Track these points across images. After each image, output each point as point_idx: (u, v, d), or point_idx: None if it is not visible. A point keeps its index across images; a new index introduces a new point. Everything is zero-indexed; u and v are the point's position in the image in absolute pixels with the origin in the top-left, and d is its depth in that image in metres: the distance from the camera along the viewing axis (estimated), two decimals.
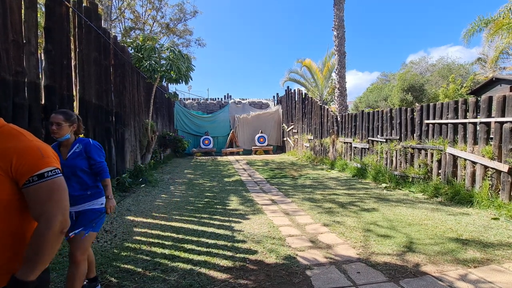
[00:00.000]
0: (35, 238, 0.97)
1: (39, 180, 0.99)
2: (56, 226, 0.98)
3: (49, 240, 0.97)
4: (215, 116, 16.59)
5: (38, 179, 0.99)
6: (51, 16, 4.04)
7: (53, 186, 1.02)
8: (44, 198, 0.99)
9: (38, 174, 0.99)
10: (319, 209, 4.57)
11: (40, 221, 0.98)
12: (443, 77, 24.34)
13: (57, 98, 4.06)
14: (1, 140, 0.99)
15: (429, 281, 2.39)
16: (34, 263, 0.95)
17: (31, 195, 0.98)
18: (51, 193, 1.00)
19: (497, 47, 12.15)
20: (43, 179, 1.00)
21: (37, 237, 0.97)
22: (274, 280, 2.45)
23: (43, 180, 0.99)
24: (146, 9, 18.92)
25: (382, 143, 7.16)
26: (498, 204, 4.16)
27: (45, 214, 0.98)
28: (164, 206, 4.90)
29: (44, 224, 0.97)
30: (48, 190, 1.00)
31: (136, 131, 7.87)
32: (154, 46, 7.71)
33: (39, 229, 0.97)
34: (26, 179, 0.98)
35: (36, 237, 0.97)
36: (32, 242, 0.97)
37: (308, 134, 12.34)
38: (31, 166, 0.98)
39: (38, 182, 0.99)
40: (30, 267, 0.95)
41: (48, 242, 0.97)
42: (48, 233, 0.97)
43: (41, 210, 0.98)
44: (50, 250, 0.98)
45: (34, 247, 0.96)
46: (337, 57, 11.76)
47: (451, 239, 3.22)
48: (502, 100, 4.33)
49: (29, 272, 0.94)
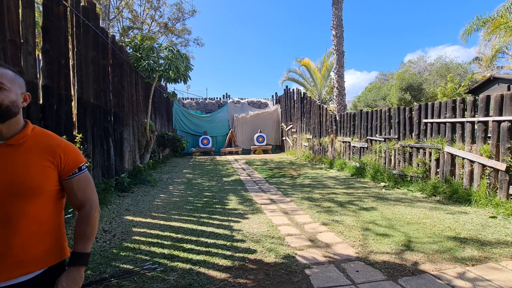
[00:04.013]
0: (86, 219, 1.19)
1: (79, 172, 1.19)
2: (97, 208, 1.23)
3: (96, 219, 1.22)
4: (214, 115, 16.57)
5: (79, 171, 1.19)
6: (49, 15, 4.03)
7: (88, 176, 1.23)
8: (85, 186, 1.21)
9: (79, 167, 1.19)
10: (318, 208, 4.58)
11: (85, 205, 1.20)
12: (441, 76, 24.41)
13: (55, 98, 4.04)
14: (43, 139, 1.14)
15: (428, 279, 2.40)
16: (89, 238, 1.19)
17: (74, 185, 1.18)
18: (88, 182, 1.23)
19: (493, 46, 12.19)
20: (82, 171, 1.20)
21: (87, 218, 1.19)
22: (273, 279, 2.46)
23: (81, 172, 1.20)
24: (144, 8, 18.88)
25: (380, 142, 7.18)
26: (496, 202, 4.18)
27: (89, 200, 1.21)
28: (163, 206, 4.90)
29: (90, 207, 1.21)
30: (86, 180, 1.22)
31: (134, 131, 7.86)
32: (152, 46, 7.69)
33: (87, 211, 1.20)
34: (72, 171, 1.17)
35: (86, 218, 1.19)
36: (84, 222, 1.19)
37: (307, 134, 12.35)
38: (75, 160, 1.18)
39: (78, 174, 1.19)
40: (87, 241, 1.18)
41: (96, 221, 1.22)
42: (95, 214, 1.22)
43: (84, 196, 1.20)
44: (96, 227, 1.23)
45: (87, 226, 1.19)
46: (335, 57, 11.76)
47: (449, 238, 3.24)
48: (499, 99, 4.35)
49: (87, 245, 1.18)
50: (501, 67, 22.66)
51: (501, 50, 14.47)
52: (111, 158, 5.87)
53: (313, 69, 17.71)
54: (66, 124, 4.24)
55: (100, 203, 4.54)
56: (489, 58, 15.39)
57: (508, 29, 9.62)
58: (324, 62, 17.44)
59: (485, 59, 18.59)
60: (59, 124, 4.07)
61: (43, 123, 3.80)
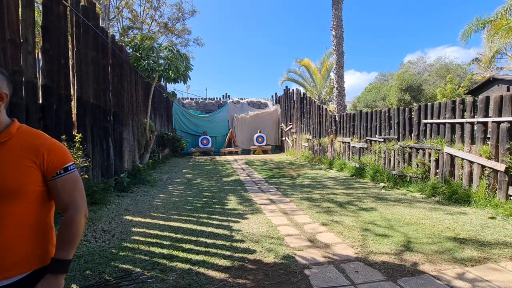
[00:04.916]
0: (69, 223, 1.11)
1: (65, 173, 1.12)
2: (83, 212, 1.14)
3: (81, 223, 1.13)
4: (214, 115, 16.57)
5: (64, 172, 1.12)
6: (49, 15, 4.03)
7: (75, 177, 1.16)
8: (71, 188, 1.13)
9: (64, 167, 1.12)
10: (317, 209, 4.58)
11: (69, 208, 1.12)
12: (441, 77, 24.44)
13: (55, 97, 4.04)
14: (28, 138, 1.09)
15: (427, 280, 2.40)
16: (71, 244, 1.10)
17: (59, 186, 1.11)
18: (75, 183, 1.15)
19: (492, 47, 12.20)
20: (68, 172, 1.13)
21: (70, 222, 1.11)
22: (272, 279, 2.46)
23: (68, 173, 1.13)
24: (144, 8, 18.88)
25: (380, 143, 7.18)
26: (495, 203, 4.19)
27: (73, 202, 1.13)
28: (163, 206, 4.90)
29: (74, 211, 1.12)
30: (72, 181, 1.14)
31: (134, 131, 7.86)
32: (152, 46, 7.69)
33: (71, 215, 1.12)
34: (56, 172, 1.10)
35: (69, 222, 1.11)
36: (66, 227, 1.10)
37: (307, 134, 12.35)
38: (59, 160, 1.12)
39: (64, 175, 1.12)
40: (68, 247, 1.09)
41: (80, 226, 1.13)
42: (80, 218, 1.13)
43: (69, 199, 1.13)
44: (81, 232, 1.14)
45: (70, 230, 1.10)
46: (335, 57, 11.78)
47: (449, 238, 3.24)
48: (499, 100, 4.36)
49: (68, 252, 1.09)
50: (500, 68, 22.70)
51: (500, 51, 14.47)
52: (111, 158, 5.87)
53: (313, 69, 17.74)
54: (66, 124, 4.24)
55: (100, 203, 4.54)
56: (488, 59, 15.41)
57: (509, 30, 9.63)
58: (324, 62, 17.46)
59: (484, 60, 18.62)
60: (59, 123, 4.07)
61: (43, 122, 3.80)
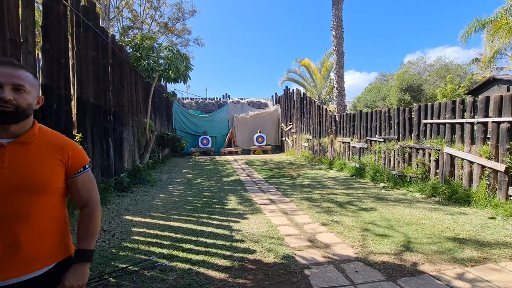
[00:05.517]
0: (90, 218, 1.23)
1: (84, 171, 1.23)
2: (100, 206, 1.29)
3: (99, 217, 1.27)
4: (214, 115, 16.57)
5: (83, 170, 1.23)
6: (49, 15, 4.02)
7: (92, 175, 1.28)
8: (89, 185, 1.25)
9: (84, 166, 1.23)
10: (317, 209, 4.58)
11: (89, 204, 1.25)
12: (441, 77, 24.45)
13: (55, 97, 4.04)
14: (50, 138, 1.18)
15: (427, 280, 2.40)
16: (93, 236, 1.23)
17: (79, 183, 1.21)
18: (92, 181, 1.27)
19: (491, 47, 12.21)
20: (86, 170, 1.24)
21: (91, 216, 1.24)
22: (272, 279, 2.46)
23: (86, 171, 1.24)
24: (145, 8, 18.89)
25: (380, 143, 7.19)
26: (495, 203, 4.19)
27: (92, 199, 1.26)
28: (163, 205, 4.90)
29: (93, 206, 1.26)
30: (90, 178, 1.26)
31: (134, 131, 7.85)
32: (152, 45, 7.68)
33: (91, 209, 1.24)
34: (77, 170, 1.21)
35: (90, 216, 1.24)
36: (88, 220, 1.23)
37: (307, 134, 12.35)
38: (81, 159, 1.22)
39: (83, 172, 1.23)
40: (91, 239, 1.22)
41: (99, 219, 1.27)
42: (98, 212, 1.27)
43: (89, 195, 1.24)
44: (99, 225, 1.28)
45: (91, 224, 1.23)
46: (335, 57, 11.78)
47: (449, 238, 3.24)
48: (499, 100, 4.36)
49: (91, 242, 1.22)
50: (500, 68, 22.70)
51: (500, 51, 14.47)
52: (111, 158, 5.87)
53: (313, 69, 17.75)
54: (66, 124, 4.24)
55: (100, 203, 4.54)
56: (488, 59, 15.42)
57: (509, 30, 9.63)
58: (324, 62, 17.47)
59: (484, 60, 18.62)
60: (59, 123, 4.06)
61: (43, 122, 3.78)
